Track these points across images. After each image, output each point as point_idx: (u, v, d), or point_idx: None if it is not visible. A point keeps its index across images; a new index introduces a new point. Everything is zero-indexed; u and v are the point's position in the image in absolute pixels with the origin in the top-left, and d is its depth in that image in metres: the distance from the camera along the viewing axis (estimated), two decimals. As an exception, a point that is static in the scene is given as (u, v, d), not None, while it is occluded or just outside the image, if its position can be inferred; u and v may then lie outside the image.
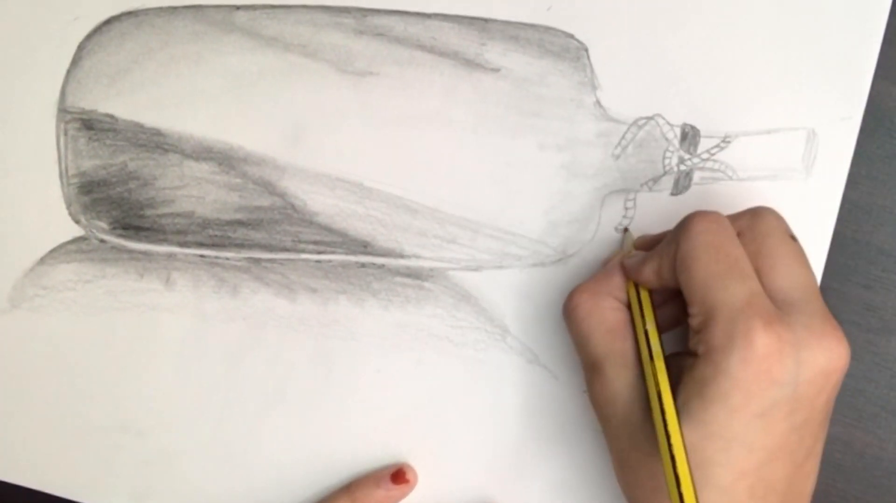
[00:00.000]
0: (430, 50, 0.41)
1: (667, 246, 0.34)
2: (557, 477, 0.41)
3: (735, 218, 0.35)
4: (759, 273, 0.33)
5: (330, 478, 0.42)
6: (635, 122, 0.40)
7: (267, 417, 0.42)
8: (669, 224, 0.40)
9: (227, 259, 0.42)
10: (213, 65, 0.42)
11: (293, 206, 0.42)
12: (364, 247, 0.42)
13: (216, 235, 0.42)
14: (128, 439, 0.43)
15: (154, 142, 0.42)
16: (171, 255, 0.42)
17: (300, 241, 0.42)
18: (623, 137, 0.40)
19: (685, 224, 0.34)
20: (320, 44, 0.41)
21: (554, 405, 0.41)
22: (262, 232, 0.42)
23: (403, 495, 0.41)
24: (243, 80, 0.42)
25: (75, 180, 0.42)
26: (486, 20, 0.41)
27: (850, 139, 0.39)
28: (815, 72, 0.39)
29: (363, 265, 0.42)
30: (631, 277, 0.36)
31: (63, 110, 0.42)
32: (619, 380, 0.35)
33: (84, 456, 0.43)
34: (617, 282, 0.37)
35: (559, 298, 0.41)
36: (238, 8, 0.42)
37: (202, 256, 0.42)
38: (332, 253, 0.42)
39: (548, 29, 0.40)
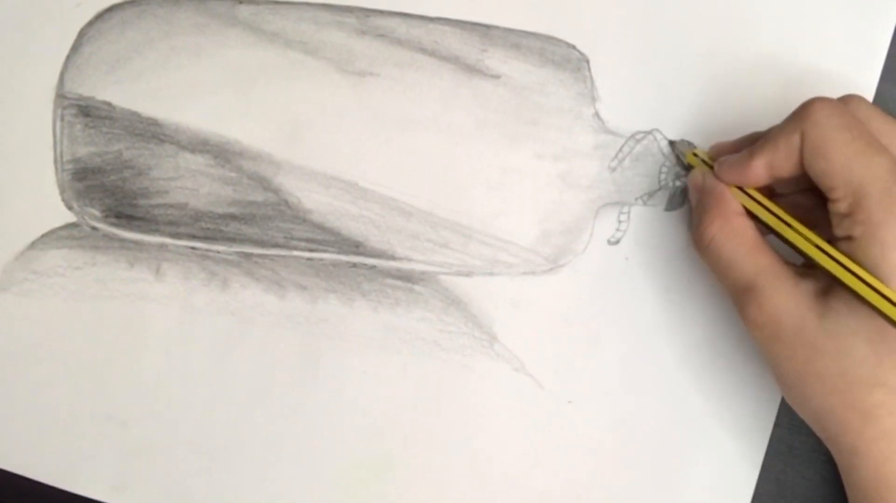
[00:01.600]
0: (432, 53, 0.41)
1: (784, 136, 0.33)
2: (540, 486, 0.41)
3: None
4: None
5: (312, 477, 0.42)
6: (633, 135, 0.40)
7: (251, 413, 0.42)
8: (662, 239, 0.40)
9: (219, 252, 0.42)
10: (214, 58, 0.42)
11: (287, 203, 0.42)
12: (356, 247, 0.42)
13: (208, 228, 0.42)
14: (111, 428, 0.43)
15: (150, 131, 0.42)
16: (162, 246, 0.42)
17: (292, 238, 0.42)
18: (620, 150, 0.40)
19: (808, 112, 0.33)
20: (322, 42, 0.41)
21: (539, 414, 0.41)
22: (254, 227, 0.42)
23: None
24: (243, 75, 0.42)
25: (70, 166, 0.42)
26: (488, 26, 0.41)
27: (847, 163, 0.39)
28: (813, 93, 0.39)
29: (354, 265, 0.42)
30: (736, 180, 0.35)
31: (61, 96, 0.42)
32: (778, 292, 0.33)
33: (67, 443, 0.43)
34: (729, 198, 0.35)
35: (548, 307, 0.41)
36: (241, 2, 0.42)
37: (193, 248, 0.42)
38: (324, 251, 0.42)
39: (550, 38, 0.40)
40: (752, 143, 0.35)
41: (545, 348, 0.41)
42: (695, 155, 0.38)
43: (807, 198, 0.36)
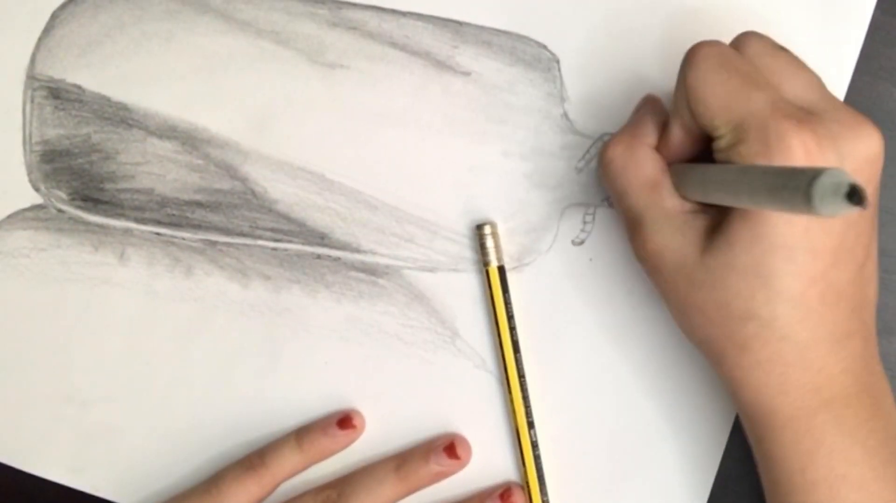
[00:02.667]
0: (403, 48, 0.41)
1: (678, 90, 0.34)
2: (496, 481, 0.41)
3: None
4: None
5: (270, 466, 0.42)
6: (601, 137, 0.40)
7: (211, 400, 0.42)
8: (626, 241, 0.40)
9: (183, 239, 0.42)
10: (185, 44, 0.42)
11: (253, 192, 0.42)
12: (321, 238, 0.42)
13: (174, 214, 0.42)
14: (71, 410, 0.43)
15: (119, 116, 0.42)
16: (127, 231, 0.42)
17: (257, 228, 0.42)
18: (587, 151, 0.40)
19: (687, 59, 0.33)
20: (293, 32, 0.41)
21: (497, 411, 0.41)
22: (220, 215, 0.42)
23: (350, 441, 0.41)
24: (213, 62, 0.42)
25: (38, 148, 0.42)
26: (460, 23, 0.41)
27: (812, 172, 0.39)
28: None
29: (319, 256, 0.42)
30: (668, 154, 0.35)
31: (31, 77, 0.42)
32: (664, 229, 0.34)
33: (25, 424, 0.43)
34: (650, 127, 0.36)
35: (511, 305, 0.41)
36: (214, -10, 0.42)
37: (158, 234, 0.42)
38: (289, 242, 0.42)
39: (521, 37, 0.41)
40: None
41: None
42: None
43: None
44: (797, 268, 0.31)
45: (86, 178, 0.42)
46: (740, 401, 0.34)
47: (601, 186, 0.40)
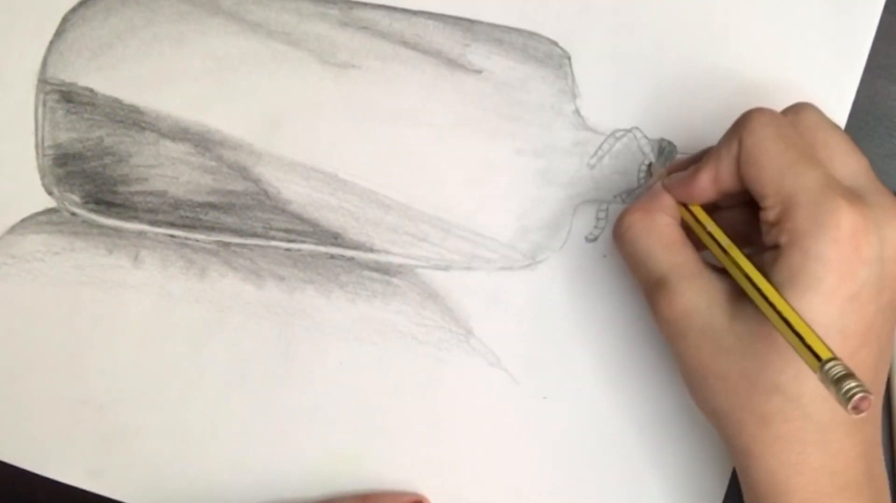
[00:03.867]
0: (414, 47, 0.41)
1: (725, 147, 0.34)
2: (512, 481, 0.41)
3: None
4: None
5: (286, 465, 0.42)
6: (613, 133, 0.40)
7: (227, 401, 0.42)
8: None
9: (197, 241, 0.42)
10: (196, 46, 0.42)
11: (266, 193, 0.42)
12: (334, 238, 0.42)
13: (187, 216, 0.42)
14: (88, 413, 0.43)
15: (132, 119, 0.42)
16: (141, 233, 0.42)
17: (271, 228, 0.42)
18: (600, 148, 0.40)
19: (745, 121, 0.33)
20: (304, 33, 0.41)
21: (513, 409, 0.41)
22: (233, 216, 0.42)
23: None
24: (225, 64, 0.42)
25: (51, 152, 0.42)
26: (471, 21, 0.41)
27: (826, 166, 0.39)
28: (794, 97, 0.39)
29: (332, 256, 0.42)
30: (682, 195, 0.35)
31: (43, 81, 0.42)
32: (690, 290, 0.33)
33: (42, 427, 0.43)
34: (667, 201, 0.36)
35: (525, 303, 0.41)
36: (224, -9, 0.42)
37: (172, 236, 0.42)
38: (303, 242, 0.42)
39: (532, 35, 0.41)
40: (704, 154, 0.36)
41: (521, 344, 0.41)
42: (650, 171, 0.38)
43: (748, 211, 0.36)
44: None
45: (99, 181, 0.42)
46: (752, 476, 0.34)
47: (614, 182, 0.40)
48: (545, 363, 0.41)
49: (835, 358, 0.29)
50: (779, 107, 0.39)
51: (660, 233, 0.35)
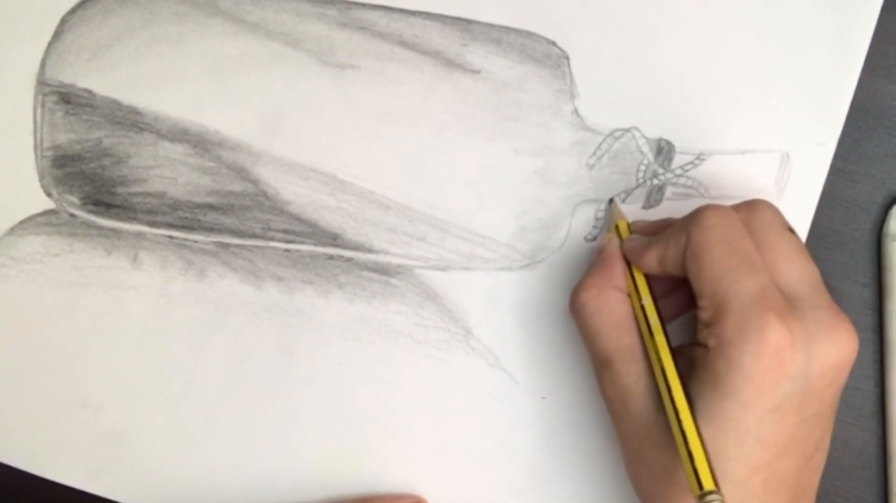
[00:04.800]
0: (412, 47, 0.41)
1: (676, 235, 0.34)
2: (510, 481, 0.41)
3: (733, 210, 0.35)
4: None
5: (285, 466, 0.42)
6: (611, 133, 0.40)
7: (226, 402, 0.42)
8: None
9: (196, 242, 0.42)
10: (195, 47, 0.42)
11: (265, 194, 0.42)
12: (333, 239, 0.42)
13: (186, 217, 0.42)
14: (86, 415, 0.43)
15: (130, 120, 0.42)
16: (139, 234, 0.42)
17: (270, 229, 0.42)
18: (598, 148, 0.40)
19: (696, 216, 0.34)
20: (303, 33, 0.41)
21: (512, 409, 0.41)
22: (232, 217, 0.42)
23: None
24: (223, 65, 0.42)
25: (49, 153, 0.42)
26: (469, 21, 0.41)
27: (824, 164, 0.40)
28: (792, 96, 0.39)
29: (331, 257, 0.42)
30: (632, 262, 0.36)
31: (42, 82, 0.42)
32: (630, 374, 0.35)
33: (41, 428, 0.43)
34: (619, 271, 0.36)
35: (524, 303, 0.41)
36: (222, -8, 0.42)
37: (171, 237, 0.42)
38: (302, 243, 0.42)
39: (530, 34, 0.41)
40: (664, 228, 0.36)
41: (520, 344, 0.41)
42: (616, 226, 0.38)
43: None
44: (744, 454, 0.31)
45: (97, 183, 0.42)
46: None
47: (613, 182, 0.40)
48: (544, 363, 0.41)
49: (716, 492, 0.29)
50: (779, 105, 0.39)
51: (610, 311, 0.36)
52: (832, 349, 0.32)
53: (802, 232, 0.40)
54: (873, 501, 0.41)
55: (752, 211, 0.35)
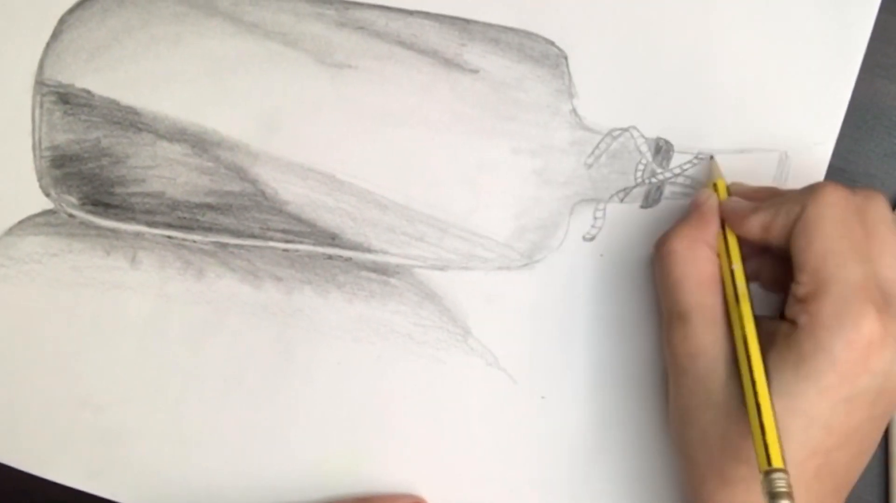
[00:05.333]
0: (410, 47, 0.41)
1: (788, 204, 0.34)
2: (511, 481, 0.41)
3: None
4: None
5: (285, 466, 0.42)
6: (610, 132, 0.40)
7: (225, 402, 0.42)
8: (638, 236, 0.40)
9: (195, 242, 0.42)
10: (193, 47, 0.42)
11: (264, 194, 0.42)
12: (332, 239, 0.42)
13: (185, 217, 0.42)
14: (86, 415, 0.43)
15: (129, 120, 0.42)
16: (138, 235, 0.42)
17: (268, 229, 0.42)
18: (597, 147, 0.40)
19: (815, 191, 0.33)
20: (301, 33, 0.41)
21: (511, 409, 0.41)
22: (230, 217, 0.42)
23: None
24: (222, 65, 0.42)
25: (48, 153, 0.42)
26: (467, 21, 0.41)
27: (822, 163, 0.40)
28: (791, 95, 0.39)
29: (330, 257, 0.42)
30: (731, 224, 0.36)
31: (40, 82, 0.42)
32: (706, 334, 0.34)
33: (41, 429, 0.43)
34: (713, 230, 0.36)
35: (523, 303, 0.41)
36: (221, -8, 0.42)
37: (169, 237, 0.42)
38: (300, 243, 0.42)
39: (529, 34, 0.41)
40: (769, 196, 0.36)
41: (519, 343, 0.41)
42: (715, 184, 0.38)
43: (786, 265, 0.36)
44: (807, 439, 0.31)
45: (96, 183, 0.42)
46: None
47: (611, 181, 0.40)
48: (543, 363, 0.41)
49: (783, 471, 0.29)
50: (777, 105, 0.39)
51: (698, 267, 0.35)
52: None
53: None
54: (873, 501, 0.41)
55: (870, 199, 0.34)
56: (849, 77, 0.39)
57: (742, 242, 0.36)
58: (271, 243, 0.42)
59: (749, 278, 0.36)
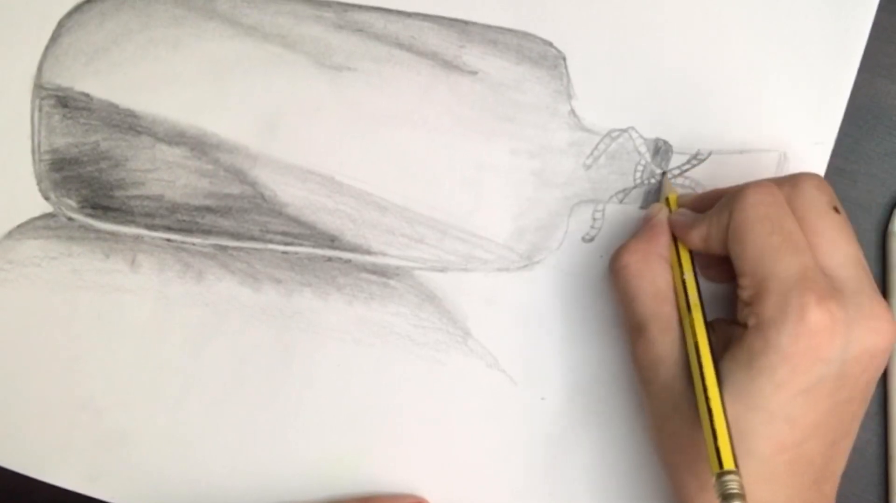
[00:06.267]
0: (409, 49, 0.41)
1: (718, 214, 0.34)
2: (512, 482, 0.41)
3: (777, 184, 0.34)
4: None
5: (285, 469, 0.42)
6: (609, 133, 0.40)
7: (225, 404, 0.42)
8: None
9: (194, 244, 0.42)
10: (192, 50, 0.42)
11: (263, 196, 0.42)
12: (331, 241, 0.42)
13: (184, 220, 0.42)
14: (85, 418, 0.43)
15: (128, 123, 0.42)
16: (137, 238, 0.42)
17: (268, 231, 0.42)
18: (595, 148, 0.40)
19: (739, 194, 0.33)
20: (300, 36, 0.41)
21: (511, 410, 0.41)
22: (230, 219, 0.42)
23: None
24: (221, 67, 0.42)
25: (47, 157, 0.42)
26: (466, 22, 0.41)
27: (821, 164, 0.40)
28: (790, 95, 0.39)
29: (329, 259, 0.42)
30: (678, 237, 0.36)
31: (39, 86, 0.42)
32: (664, 343, 0.34)
33: (41, 432, 0.43)
34: (665, 241, 0.36)
35: (523, 304, 0.41)
36: (219, -5, 0.42)
37: (169, 240, 0.42)
38: (300, 245, 0.42)
39: (527, 35, 0.41)
40: (714, 199, 0.36)
41: (519, 345, 0.41)
42: (668, 199, 0.38)
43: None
44: (772, 433, 0.31)
45: (95, 186, 0.42)
46: None
47: (610, 182, 0.40)
48: (543, 364, 0.41)
49: (735, 472, 0.29)
50: (776, 105, 0.39)
51: (651, 280, 0.36)
52: (869, 336, 0.32)
53: (800, 231, 0.40)
54: (873, 501, 0.41)
55: (796, 187, 0.34)
56: (848, 76, 0.39)
57: (700, 256, 0.36)
58: (271, 245, 0.42)
59: (719, 282, 0.37)
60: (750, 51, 0.40)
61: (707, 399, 0.31)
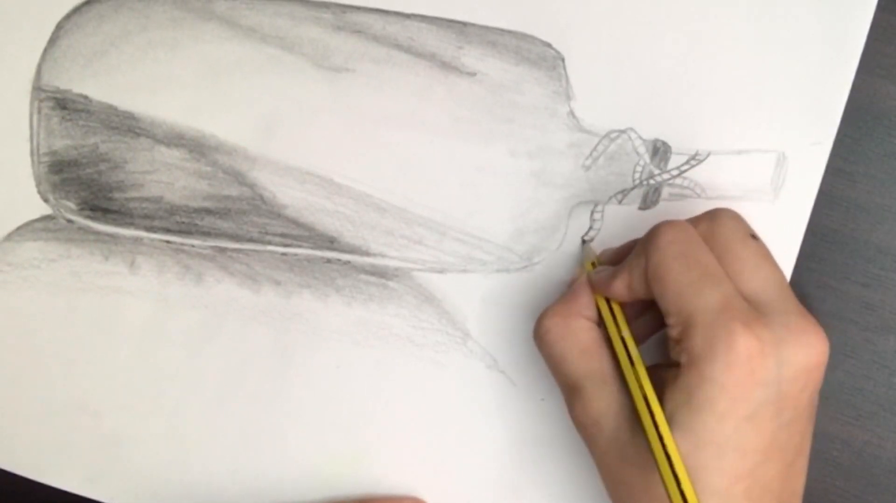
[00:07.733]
0: (408, 50, 0.41)
1: (636, 258, 0.34)
2: (509, 482, 0.41)
3: (694, 223, 0.35)
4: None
5: (284, 470, 0.42)
6: (607, 134, 0.40)
7: (224, 406, 0.42)
8: (637, 237, 0.40)
9: (193, 246, 0.42)
10: (190, 52, 0.42)
11: (262, 198, 0.42)
12: (330, 242, 0.42)
13: (183, 222, 0.42)
14: (84, 420, 0.43)
15: (126, 125, 0.42)
16: (137, 240, 0.42)
17: (267, 233, 0.42)
18: (594, 149, 0.40)
19: (652, 236, 0.34)
20: (298, 37, 0.41)
21: (511, 411, 0.41)
22: (229, 221, 0.42)
23: None
24: (219, 69, 0.42)
25: (46, 159, 0.42)
26: (464, 24, 0.41)
27: (820, 164, 0.40)
28: (789, 95, 0.39)
29: (329, 261, 0.42)
30: (601, 292, 0.36)
31: (38, 88, 0.42)
32: (601, 398, 0.34)
33: (39, 434, 0.43)
34: (585, 301, 0.37)
35: (522, 305, 0.41)
36: (218, -4, 0.42)
37: (168, 242, 0.42)
38: (299, 246, 0.42)
39: (525, 36, 0.41)
40: (631, 249, 0.36)
41: (518, 346, 0.41)
42: (592, 264, 0.38)
43: None
44: (724, 465, 0.31)
45: (94, 188, 0.42)
46: None
47: (609, 183, 0.40)
48: (543, 365, 0.41)
49: None
50: (775, 105, 0.39)
51: (576, 338, 0.36)
52: (802, 352, 0.32)
53: (799, 232, 0.40)
54: (873, 501, 0.41)
55: (713, 221, 0.35)
56: (846, 77, 0.39)
57: (629, 304, 0.36)
58: (270, 247, 0.42)
59: (646, 333, 0.37)
60: (749, 51, 0.40)
61: (664, 447, 0.31)
